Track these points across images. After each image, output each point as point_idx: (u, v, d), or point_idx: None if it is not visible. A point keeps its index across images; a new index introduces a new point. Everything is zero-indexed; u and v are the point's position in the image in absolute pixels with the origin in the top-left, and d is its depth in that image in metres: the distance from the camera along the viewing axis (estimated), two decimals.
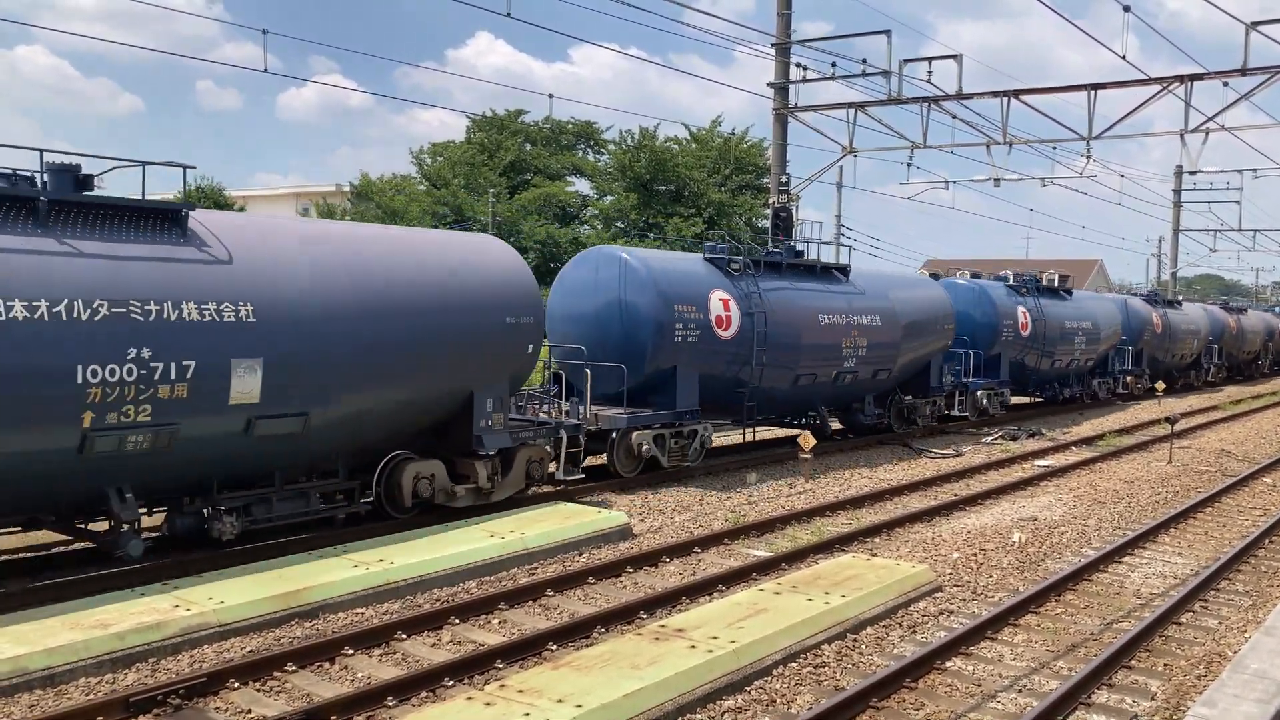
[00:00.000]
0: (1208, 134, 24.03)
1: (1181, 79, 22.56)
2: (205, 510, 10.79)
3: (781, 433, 22.12)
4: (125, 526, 9.87)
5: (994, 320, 25.85)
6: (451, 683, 8.01)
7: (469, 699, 7.25)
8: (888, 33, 23.65)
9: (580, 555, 11.99)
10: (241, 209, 56.70)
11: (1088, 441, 23.21)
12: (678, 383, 16.67)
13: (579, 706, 7.06)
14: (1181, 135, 23.83)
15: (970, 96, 24.30)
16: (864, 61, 24.18)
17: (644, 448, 16.09)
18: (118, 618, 8.55)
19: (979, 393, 24.95)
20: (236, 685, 7.89)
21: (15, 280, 8.88)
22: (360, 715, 7.43)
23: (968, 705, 7.95)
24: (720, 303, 17.29)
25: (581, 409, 15.40)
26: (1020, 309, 27.06)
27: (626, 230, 51.38)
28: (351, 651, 8.66)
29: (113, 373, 9.28)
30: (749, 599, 9.77)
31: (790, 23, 24.92)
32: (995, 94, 24.24)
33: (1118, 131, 24.27)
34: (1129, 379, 33.53)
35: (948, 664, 8.77)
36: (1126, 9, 20.95)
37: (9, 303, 8.78)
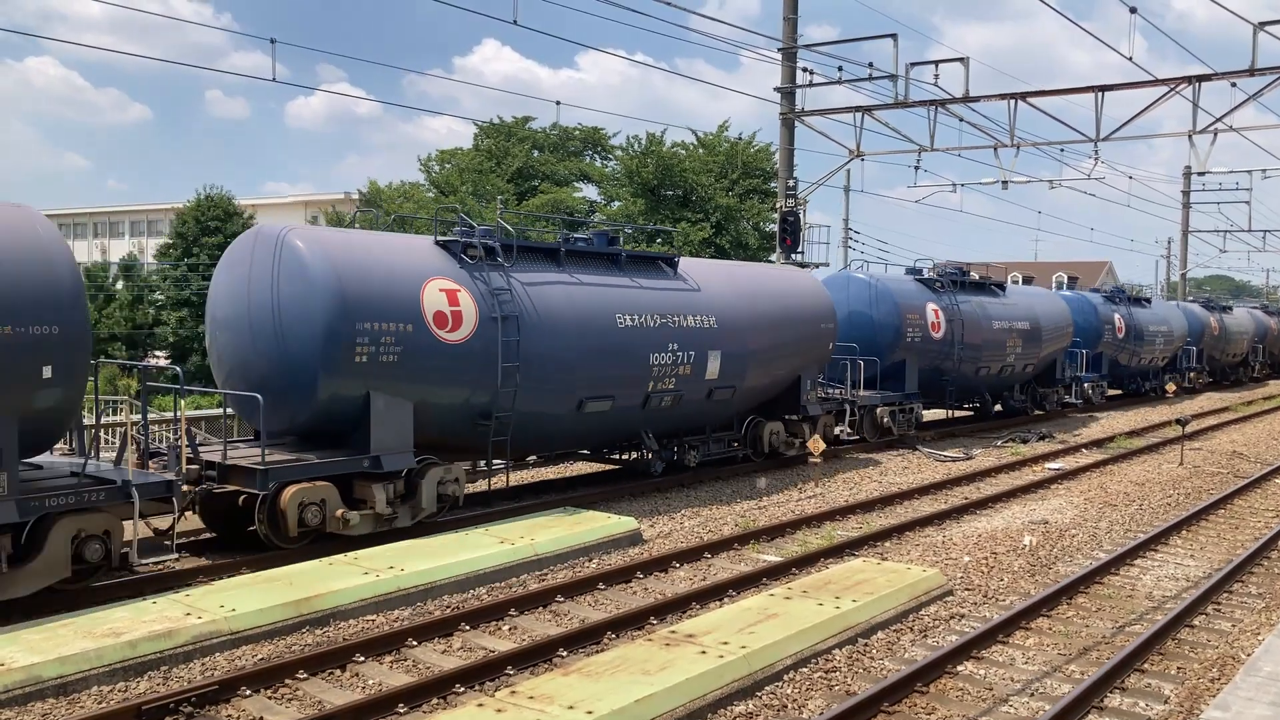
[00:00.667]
0: (1216, 135, 23.95)
1: (1189, 80, 22.50)
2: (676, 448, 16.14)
3: None
4: (650, 455, 15.70)
5: (1098, 325, 30.52)
6: (462, 689, 8.01)
7: (480, 705, 7.25)
8: (894, 36, 23.68)
9: (590, 561, 11.99)
10: (251, 218, 56.92)
11: (1098, 444, 23.12)
12: None
13: (590, 713, 7.06)
14: (1190, 136, 23.77)
15: (977, 99, 24.26)
16: (870, 65, 24.18)
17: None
18: (130, 626, 8.58)
19: (1087, 385, 29.57)
20: (248, 693, 7.91)
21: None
22: None
23: (980, 710, 7.92)
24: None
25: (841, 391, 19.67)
26: (1116, 315, 31.76)
27: (634, 235, 51.40)
28: (362, 658, 8.67)
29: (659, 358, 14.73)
30: (759, 604, 9.75)
31: (796, 27, 24.94)
32: (1002, 96, 24.20)
33: (1126, 133, 24.25)
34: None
35: (959, 668, 8.74)
36: (1133, 10, 20.91)
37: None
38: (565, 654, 8.85)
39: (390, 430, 12.17)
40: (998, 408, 26.86)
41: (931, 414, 25.95)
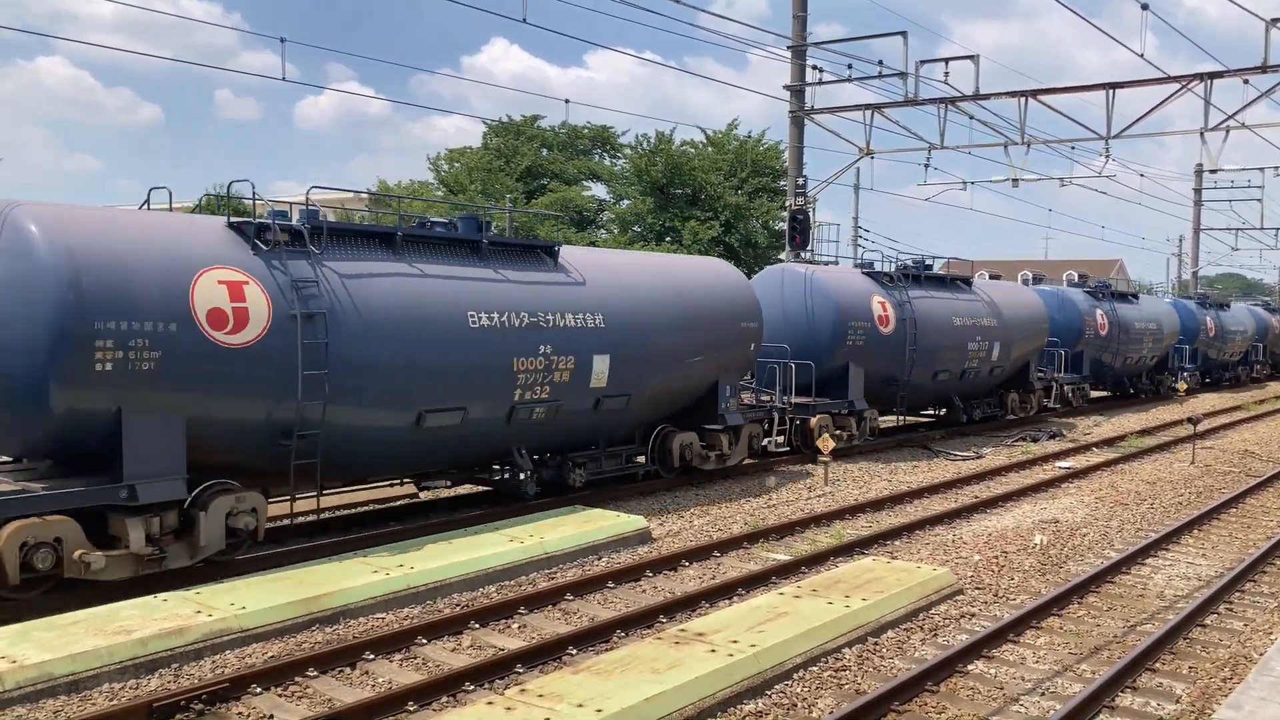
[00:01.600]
0: (1228, 132, 23.87)
1: (1201, 77, 22.41)
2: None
3: None
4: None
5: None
6: (472, 687, 8.02)
7: (489, 703, 7.26)
8: (904, 34, 23.61)
9: (599, 559, 11.99)
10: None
11: (1109, 443, 23.05)
12: None
13: (599, 711, 7.05)
14: (1202, 133, 23.68)
15: (987, 97, 24.21)
16: (880, 63, 24.14)
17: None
18: (140, 623, 8.60)
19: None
20: (258, 690, 7.93)
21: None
22: None
23: (990, 709, 7.89)
24: None
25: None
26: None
27: (643, 234, 51.39)
28: (372, 656, 8.68)
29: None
30: (769, 603, 9.74)
31: (806, 25, 24.91)
32: (1013, 94, 24.15)
33: (1137, 130, 24.16)
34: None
35: (970, 667, 8.72)
36: (1145, 7, 20.84)
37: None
38: (575, 652, 8.85)
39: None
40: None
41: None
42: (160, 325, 9.84)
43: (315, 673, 8.29)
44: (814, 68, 25.10)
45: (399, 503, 14.36)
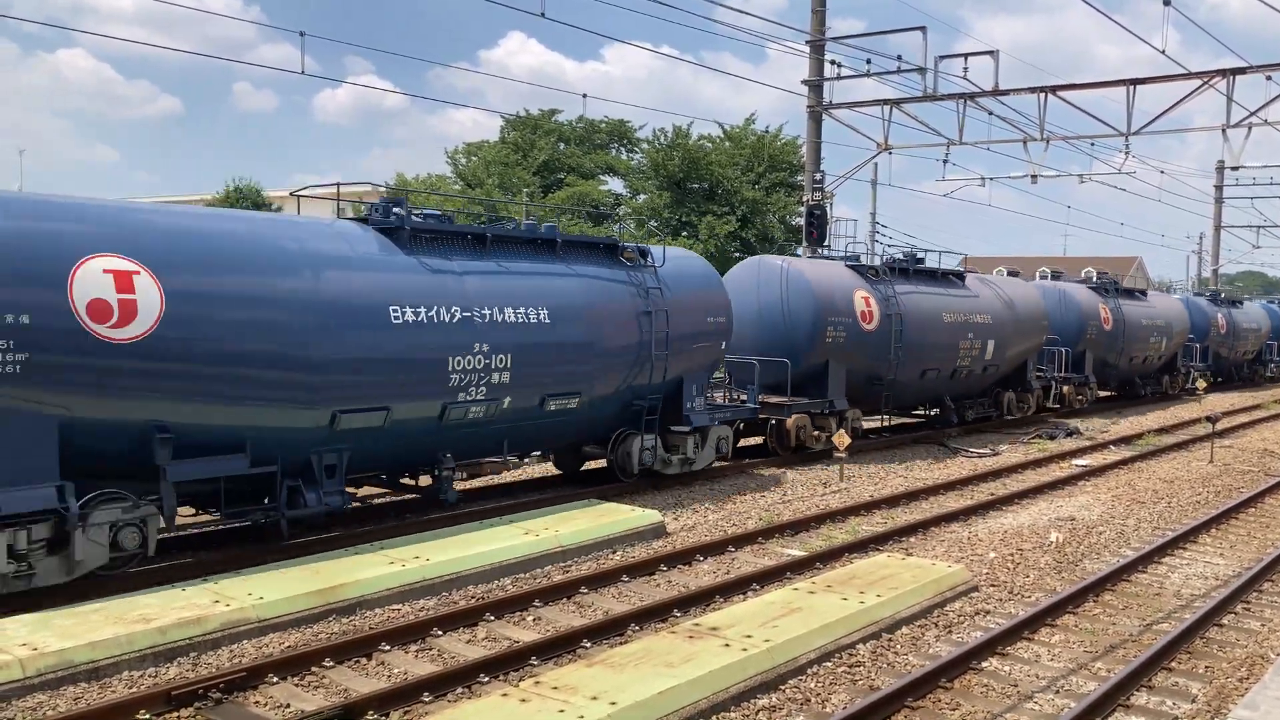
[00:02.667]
0: (1250, 129, 23.70)
1: (1223, 73, 22.24)
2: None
3: None
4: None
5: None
6: (487, 679, 8.06)
7: (504, 695, 7.29)
8: (923, 29, 23.51)
9: (614, 553, 12.02)
10: (279, 209, 57.32)
11: (1126, 441, 22.93)
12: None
13: (613, 704, 7.08)
14: (1223, 130, 23.51)
15: (1007, 93, 24.10)
16: (899, 58, 24.07)
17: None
18: (159, 612, 8.68)
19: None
20: (275, 680, 7.99)
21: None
22: (396, 711, 7.50)
23: (1004, 706, 7.89)
24: None
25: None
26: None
27: (660, 229, 51.36)
28: (388, 647, 8.74)
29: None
30: (783, 598, 9.75)
31: (824, 19, 24.83)
32: (1032, 90, 24.03)
33: (1158, 127, 23.99)
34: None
35: (984, 664, 8.71)
36: (1167, 3, 20.70)
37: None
38: (589, 645, 8.89)
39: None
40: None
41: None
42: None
43: (331, 663, 8.35)
44: (832, 62, 25.03)
45: (410, 496, 14.37)
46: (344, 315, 10.95)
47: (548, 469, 16.88)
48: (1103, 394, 31.49)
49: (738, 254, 50.46)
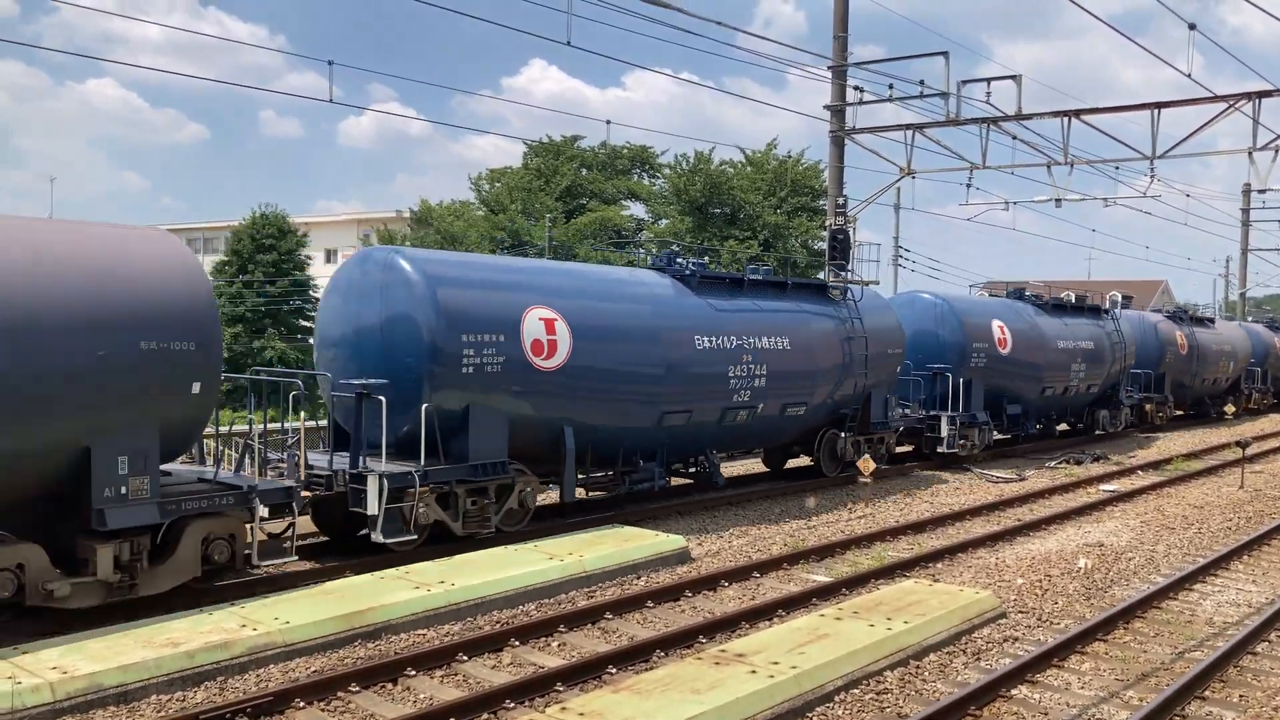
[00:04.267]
0: (1277, 151, 23.51)
1: (1249, 96, 22.13)
2: None
3: None
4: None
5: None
6: (512, 705, 8.04)
7: None
8: (945, 54, 23.52)
9: (638, 578, 11.99)
10: (305, 235, 57.82)
11: (1154, 465, 22.70)
12: None
13: None
14: (1250, 153, 23.35)
15: (1030, 117, 24.03)
16: (921, 83, 24.04)
17: None
18: (187, 636, 8.73)
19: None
20: (302, 705, 8.01)
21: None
22: None
23: None
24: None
25: None
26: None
27: (683, 254, 51.42)
28: (414, 672, 8.74)
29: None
30: (809, 624, 9.69)
31: (846, 45, 24.90)
32: (1056, 114, 23.95)
33: (1183, 150, 23.88)
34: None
35: (1013, 691, 8.61)
36: (1192, 27, 20.65)
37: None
38: (615, 671, 8.86)
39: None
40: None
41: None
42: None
43: (357, 688, 8.36)
44: (855, 88, 25.07)
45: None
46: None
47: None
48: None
49: None
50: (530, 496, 13.43)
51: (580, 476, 14.58)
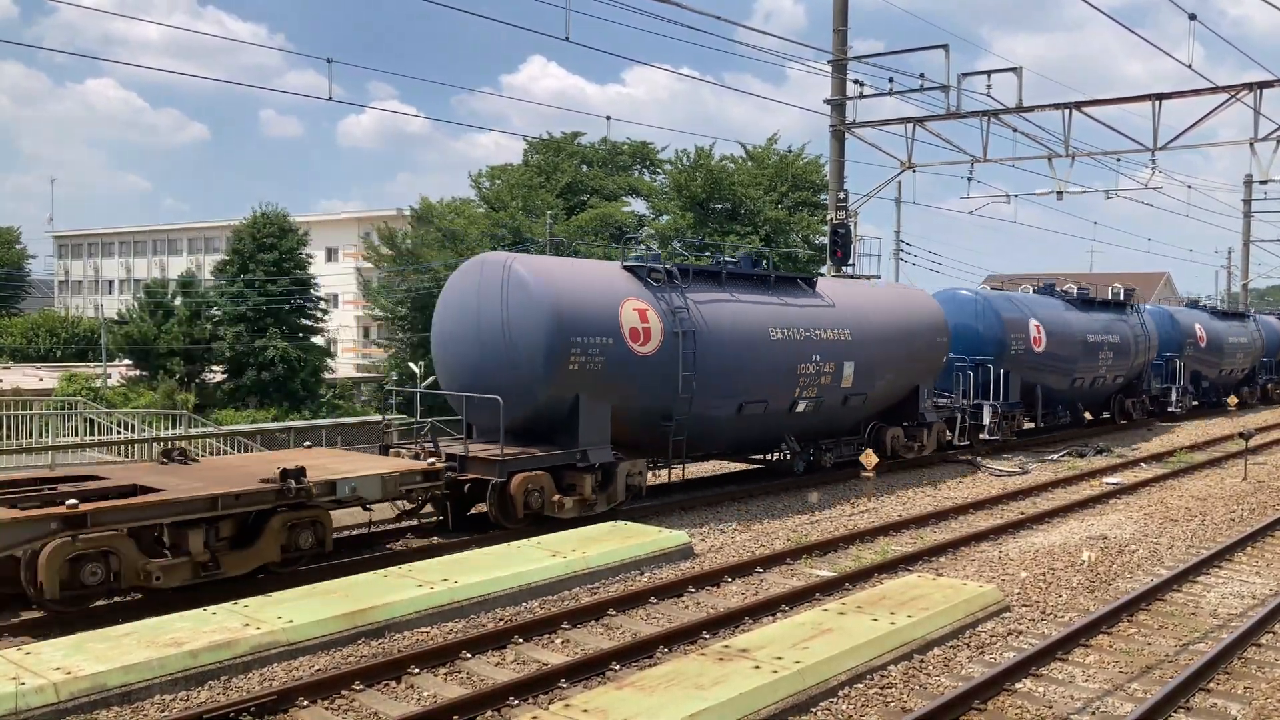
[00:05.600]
0: (1279, 142, 23.46)
1: (1250, 86, 22.08)
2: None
3: None
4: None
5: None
6: (516, 702, 8.04)
7: (534, 718, 7.27)
8: (945, 47, 23.49)
9: (642, 575, 11.98)
10: (306, 234, 57.81)
11: (1158, 458, 22.67)
12: None
13: None
14: (1251, 144, 23.31)
15: (1031, 109, 23.99)
16: (922, 76, 24.03)
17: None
18: (191, 636, 8.72)
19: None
20: (305, 703, 8.00)
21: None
22: None
23: None
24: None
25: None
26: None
27: (684, 249, 51.42)
28: (417, 670, 8.73)
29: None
30: (813, 619, 9.68)
31: (846, 39, 24.87)
32: (1057, 106, 23.92)
33: (1184, 141, 23.78)
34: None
35: (1018, 685, 8.60)
36: (1192, 17, 20.58)
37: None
38: (618, 667, 8.85)
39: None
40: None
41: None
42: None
43: (361, 686, 8.36)
44: (855, 82, 25.03)
45: (436, 519, 14.41)
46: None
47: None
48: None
49: None
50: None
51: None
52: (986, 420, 22.15)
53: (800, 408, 17.17)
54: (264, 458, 14.30)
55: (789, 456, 17.93)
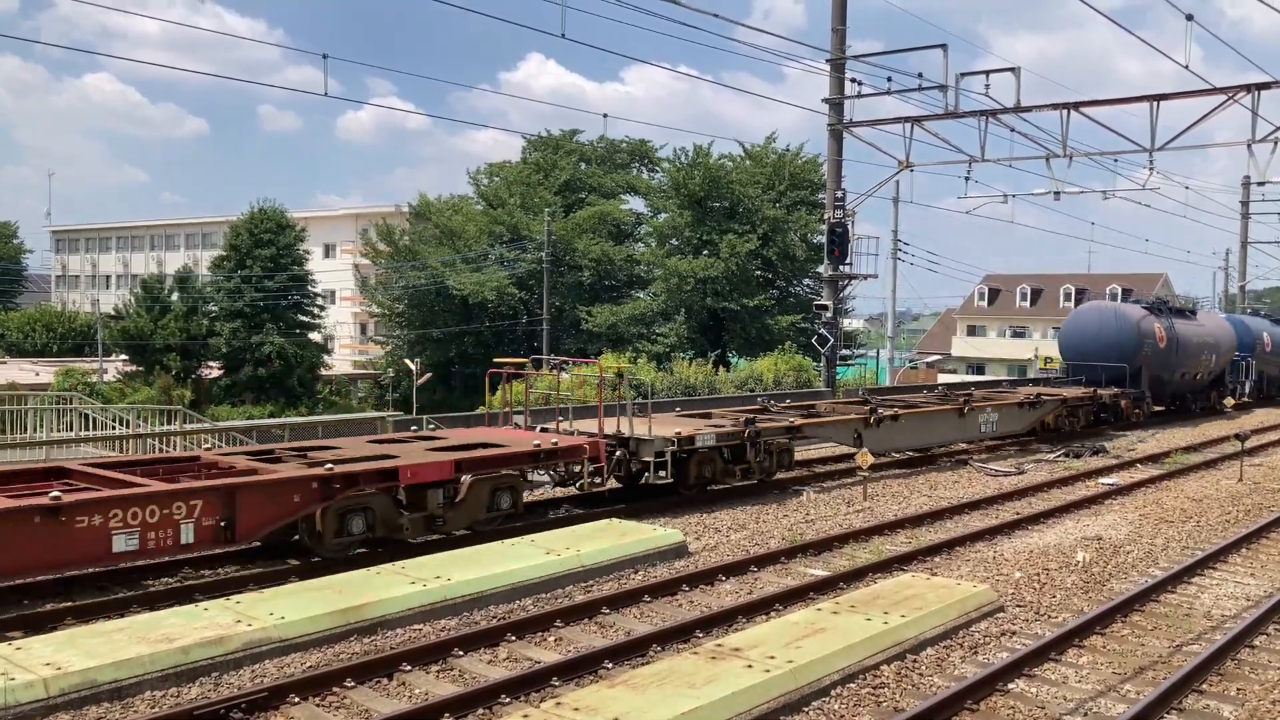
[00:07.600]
0: (1276, 143, 23.48)
1: (1249, 88, 22.10)
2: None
3: None
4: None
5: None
6: (508, 700, 8.02)
7: (525, 716, 7.25)
8: (944, 47, 23.51)
9: (636, 573, 11.97)
10: (303, 230, 57.71)
11: (1153, 459, 22.68)
12: None
13: None
14: (1249, 145, 23.33)
15: (1029, 109, 24.00)
16: (920, 76, 24.06)
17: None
18: (182, 632, 8.70)
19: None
20: (297, 700, 7.98)
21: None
22: None
23: None
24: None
25: None
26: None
27: (680, 247, 51.41)
28: (409, 668, 8.71)
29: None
30: (806, 618, 9.67)
31: (844, 39, 24.86)
32: (1054, 106, 23.92)
33: (1182, 142, 23.81)
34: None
35: (1010, 686, 8.59)
36: (1189, 18, 20.58)
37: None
38: (611, 666, 8.83)
39: None
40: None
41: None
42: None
43: (353, 683, 8.34)
44: (853, 81, 25.03)
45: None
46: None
47: (565, 489, 16.82)
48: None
49: (759, 272, 50.47)
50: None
51: None
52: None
53: (1197, 376, 30.67)
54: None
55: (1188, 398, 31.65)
